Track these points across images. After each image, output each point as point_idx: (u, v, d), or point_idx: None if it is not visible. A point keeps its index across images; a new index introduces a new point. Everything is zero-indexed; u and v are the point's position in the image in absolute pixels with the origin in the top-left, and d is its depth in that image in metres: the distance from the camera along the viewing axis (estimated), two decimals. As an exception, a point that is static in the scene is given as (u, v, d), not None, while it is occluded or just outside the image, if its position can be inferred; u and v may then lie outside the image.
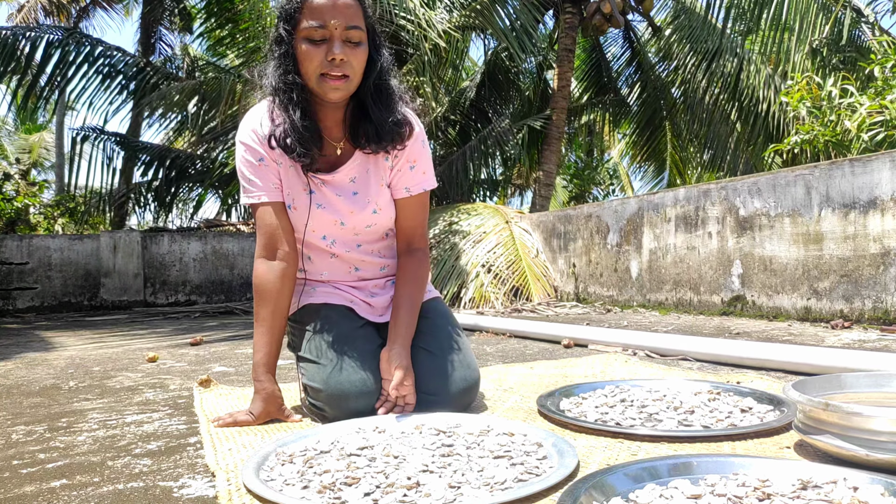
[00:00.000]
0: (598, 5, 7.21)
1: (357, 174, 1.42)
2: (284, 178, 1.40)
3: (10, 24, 10.44)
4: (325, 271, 1.50)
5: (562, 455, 1.01)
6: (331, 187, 1.41)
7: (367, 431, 1.17)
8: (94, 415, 1.55)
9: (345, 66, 1.28)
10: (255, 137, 1.38)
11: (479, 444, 1.07)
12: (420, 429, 1.17)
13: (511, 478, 0.92)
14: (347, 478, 0.93)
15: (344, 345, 1.37)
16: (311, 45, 1.28)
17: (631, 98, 9.23)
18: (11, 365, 2.51)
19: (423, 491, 0.87)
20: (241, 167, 1.40)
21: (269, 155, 1.38)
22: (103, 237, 6.10)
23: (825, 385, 1.17)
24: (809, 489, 0.80)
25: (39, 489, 1.01)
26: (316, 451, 1.07)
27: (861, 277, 2.89)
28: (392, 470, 0.95)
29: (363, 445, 1.07)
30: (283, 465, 1.02)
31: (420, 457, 1.00)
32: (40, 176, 19.73)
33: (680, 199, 3.97)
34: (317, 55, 1.28)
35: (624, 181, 15.43)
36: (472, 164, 7.50)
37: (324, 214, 1.41)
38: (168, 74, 8.19)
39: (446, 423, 1.20)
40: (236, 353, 2.72)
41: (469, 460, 0.99)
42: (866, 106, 4.11)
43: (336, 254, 1.48)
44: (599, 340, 2.50)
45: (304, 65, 1.30)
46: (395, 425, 1.20)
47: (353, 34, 1.28)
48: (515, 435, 1.13)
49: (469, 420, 1.22)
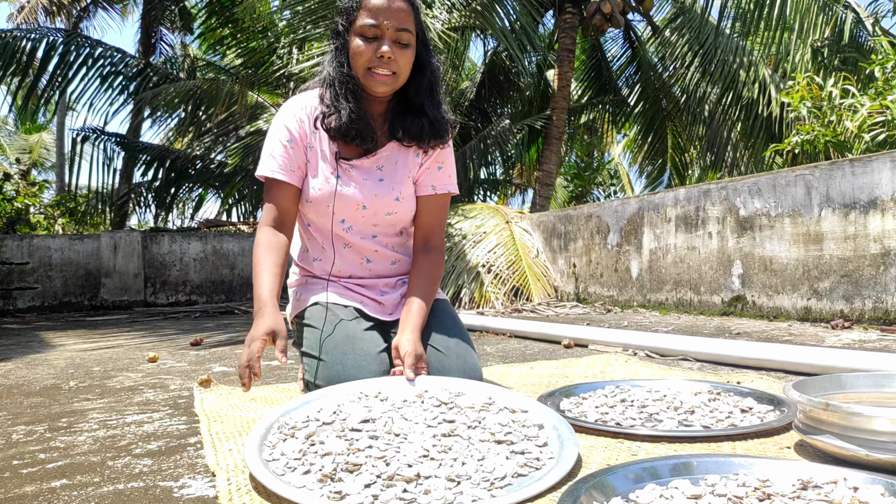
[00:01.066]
0: (598, 5, 7.21)
1: (385, 164, 1.49)
2: (312, 161, 1.46)
3: (11, 25, 10.45)
4: (338, 261, 1.52)
5: (562, 444, 1.00)
6: (358, 171, 1.47)
7: (369, 398, 1.17)
8: (94, 415, 1.55)
9: (392, 63, 1.36)
10: (294, 120, 1.44)
11: (481, 423, 1.07)
12: (422, 397, 1.17)
13: (511, 472, 0.92)
14: (348, 463, 0.93)
15: (349, 345, 1.37)
16: (363, 40, 1.37)
17: (631, 98, 9.23)
18: (12, 365, 2.51)
19: (423, 486, 0.87)
20: (270, 143, 1.45)
21: (301, 140, 1.44)
22: (104, 237, 6.11)
23: (825, 385, 1.17)
24: (810, 489, 0.80)
25: (40, 489, 1.01)
26: (318, 423, 1.08)
27: (861, 277, 2.88)
28: (393, 453, 0.95)
29: (365, 418, 1.07)
30: (285, 441, 1.02)
31: (421, 438, 1.00)
32: (41, 176, 19.74)
33: (680, 199, 3.97)
34: (367, 51, 1.36)
35: (624, 181, 15.44)
36: (473, 164, 7.51)
37: (347, 197, 1.45)
38: (168, 75, 8.19)
39: (448, 392, 1.21)
40: (236, 353, 2.72)
41: (470, 444, 0.99)
42: (867, 106, 4.11)
43: (349, 243, 1.51)
44: (599, 340, 2.50)
45: (355, 58, 1.38)
46: (397, 392, 1.21)
47: (402, 36, 1.37)
48: (517, 412, 1.13)
49: (471, 389, 1.23)
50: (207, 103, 7.25)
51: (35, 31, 7.16)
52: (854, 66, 6.12)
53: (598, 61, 9.27)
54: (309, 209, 1.48)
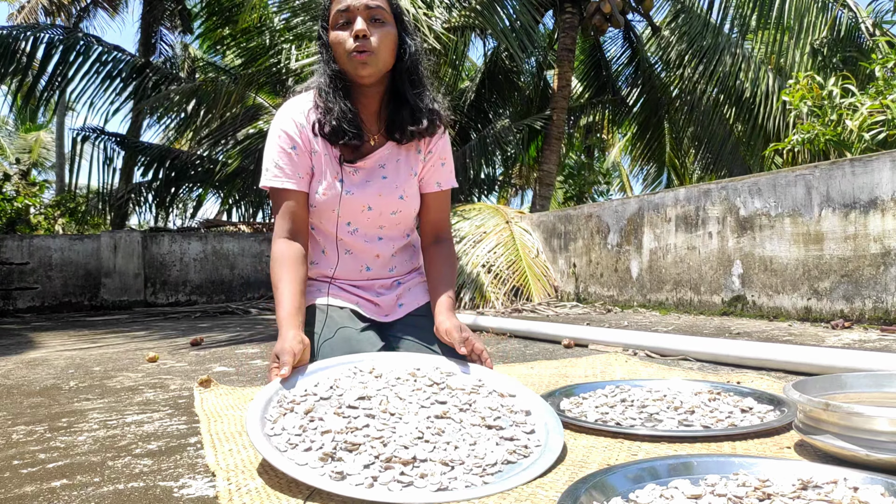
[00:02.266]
0: (598, 5, 7.21)
1: (387, 162, 1.48)
2: (317, 166, 1.44)
3: (10, 24, 10.44)
4: (337, 267, 1.51)
5: (548, 432, 1.06)
6: (361, 172, 1.46)
7: (364, 374, 1.21)
8: (94, 415, 1.55)
9: (367, 42, 1.34)
10: (294, 125, 1.42)
11: (471, 406, 1.12)
12: (415, 375, 1.21)
13: (500, 459, 0.96)
14: (347, 443, 0.97)
15: (346, 346, 1.37)
16: (339, 29, 1.37)
17: (630, 98, 9.23)
18: (12, 365, 2.51)
19: (419, 470, 0.91)
20: (272, 151, 1.43)
21: (305, 145, 1.42)
22: (104, 237, 6.10)
23: (825, 385, 1.17)
24: (810, 489, 0.80)
25: (40, 489, 1.01)
26: (316, 398, 1.11)
27: (861, 277, 2.89)
28: (389, 433, 1.00)
29: (361, 395, 1.11)
30: (285, 416, 1.06)
31: (416, 420, 1.05)
32: (41, 176, 19.75)
33: (680, 198, 3.97)
34: (344, 37, 1.36)
35: (624, 182, 15.43)
36: (472, 164, 7.51)
37: (353, 200, 1.45)
38: (168, 75, 8.19)
39: (439, 372, 1.25)
40: (236, 353, 2.72)
41: (461, 428, 1.04)
42: (867, 105, 4.11)
43: (352, 248, 1.51)
44: (600, 340, 2.50)
45: (337, 50, 1.38)
46: (390, 369, 1.24)
47: (375, 12, 1.36)
48: (505, 397, 1.18)
49: (460, 370, 1.28)
50: (208, 104, 7.24)
51: (35, 29, 7.15)
52: (854, 65, 6.12)
53: (597, 61, 9.27)
54: (313, 214, 1.47)
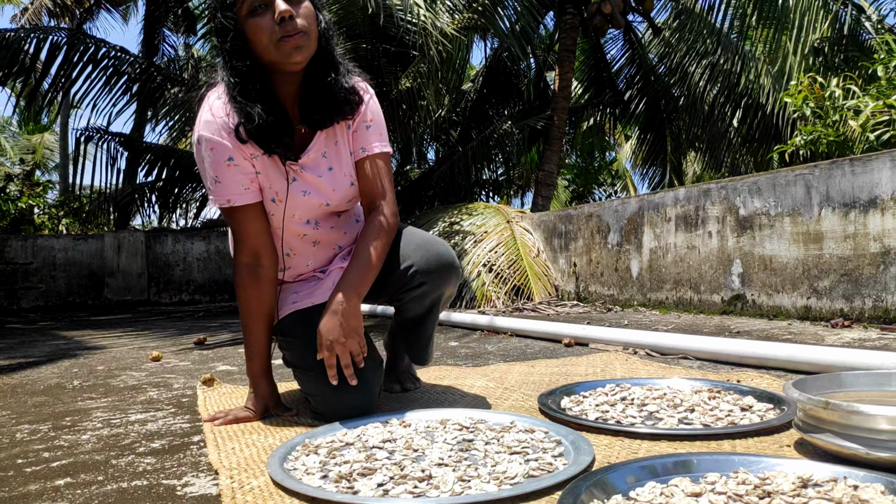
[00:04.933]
0: (598, 6, 7.20)
1: (327, 148, 1.37)
2: (262, 170, 1.32)
3: (14, 26, 10.47)
4: (311, 261, 1.46)
5: (578, 451, 1.00)
6: (308, 170, 1.35)
7: (393, 425, 1.20)
8: (98, 413, 1.56)
9: (295, 23, 1.21)
10: (221, 133, 1.28)
11: (499, 440, 1.08)
12: (445, 424, 1.19)
13: (522, 473, 0.92)
14: (364, 468, 0.95)
15: None
16: (258, 17, 1.21)
17: (632, 99, 9.23)
18: (16, 364, 2.53)
19: (433, 483, 0.89)
20: (206, 166, 1.30)
21: (239, 152, 1.29)
22: (107, 237, 6.12)
23: (825, 383, 1.17)
24: (809, 487, 0.81)
25: (44, 487, 1.02)
26: (341, 443, 1.11)
27: (861, 276, 2.88)
28: (409, 462, 0.98)
29: (387, 438, 1.10)
30: (308, 456, 1.05)
31: (438, 451, 1.02)
32: (44, 176, 19.78)
33: (680, 198, 3.97)
34: (266, 23, 1.21)
35: (628, 182, 15.42)
36: (474, 165, 7.51)
37: (311, 200, 1.37)
38: (171, 76, 8.20)
39: (470, 418, 1.22)
40: (240, 352, 2.73)
41: (486, 455, 1.01)
42: (871, 106, 4.10)
43: (318, 240, 1.44)
44: (600, 339, 2.50)
45: (258, 39, 1.22)
46: (420, 419, 1.23)
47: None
48: (536, 431, 1.13)
49: (493, 416, 1.24)
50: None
51: (39, 31, 7.17)
52: (856, 65, 6.11)
53: (598, 62, 9.26)
54: (272, 220, 1.38)
